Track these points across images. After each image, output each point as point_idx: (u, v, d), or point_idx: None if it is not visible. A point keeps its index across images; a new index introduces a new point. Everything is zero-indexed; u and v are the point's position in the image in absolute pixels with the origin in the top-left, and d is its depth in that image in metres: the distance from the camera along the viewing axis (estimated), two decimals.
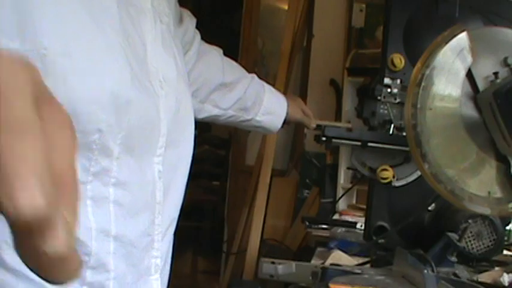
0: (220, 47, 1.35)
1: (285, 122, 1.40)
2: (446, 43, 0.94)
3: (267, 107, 1.35)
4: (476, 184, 0.95)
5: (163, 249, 0.80)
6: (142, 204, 0.74)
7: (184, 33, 1.13)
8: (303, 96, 2.89)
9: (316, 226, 1.99)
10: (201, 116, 1.29)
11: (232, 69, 1.32)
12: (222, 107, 1.29)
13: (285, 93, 2.82)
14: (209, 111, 1.28)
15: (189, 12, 1.18)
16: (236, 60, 1.39)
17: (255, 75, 1.37)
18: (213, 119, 1.32)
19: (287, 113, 1.39)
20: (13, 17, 0.60)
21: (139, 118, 0.71)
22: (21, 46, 0.60)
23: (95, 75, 0.65)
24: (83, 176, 0.67)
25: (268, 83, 1.42)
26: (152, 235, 0.77)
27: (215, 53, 1.29)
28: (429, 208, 1.30)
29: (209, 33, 1.38)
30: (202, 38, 1.31)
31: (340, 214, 2.21)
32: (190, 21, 1.17)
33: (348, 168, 2.31)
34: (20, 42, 0.60)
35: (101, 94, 0.65)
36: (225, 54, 1.35)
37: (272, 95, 1.38)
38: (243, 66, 1.39)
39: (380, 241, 1.30)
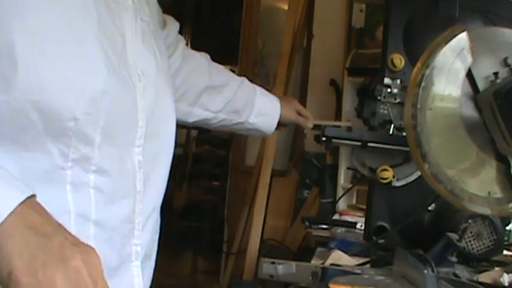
0: (220, 47, 1.35)
1: (279, 124, 1.40)
2: (446, 43, 0.94)
3: (260, 108, 1.35)
4: (476, 184, 0.95)
5: (145, 238, 0.82)
6: (123, 192, 0.77)
7: (166, 36, 1.15)
8: (303, 96, 2.89)
9: (316, 226, 1.99)
10: (191, 119, 1.29)
11: (220, 73, 1.33)
12: (212, 109, 1.30)
13: (285, 93, 2.84)
14: (199, 114, 1.29)
15: (171, 18, 1.20)
16: (236, 61, 1.39)
17: (245, 78, 1.37)
18: (204, 123, 1.33)
19: (280, 115, 1.39)
20: None
21: (116, 107, 0.73)
22: None
23: (66, 66, 0.68)
24: (61, 161, 0.70)
25: (268, 83, 1.42)
26: (133, 223, 0.79)
27: (201, 57, 1.31)
28: (429, 208, 1.30)
29: (209, 33, 1.38)
30: (203, 38, 1.31)
31: (340, 214, 2.21)
32: (173, 25, 1.20)
33: (348, 168, 2.31)
34: None
35: (73, 84, 0.68)
36: (225, 54, 1.35)
37: (264, 97, 1.38)
38: (243, 66, 1.40)
39: (380, 241, 1.30)
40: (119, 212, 0.76)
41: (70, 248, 0.57)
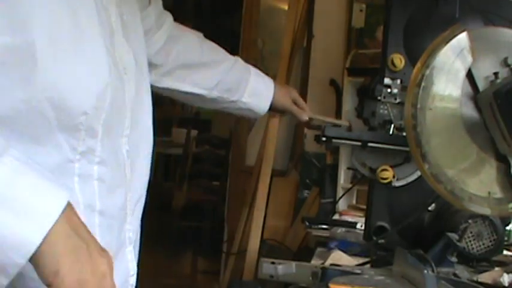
0: (220, 47, 1.35)
1: (271, 108, 1.39)
2: (447, 43, 0.94)
3: (253, 87, 1.36)
4: (476, 184, 0.95)
5: (135, 224, 0.87)
6: (118, 180, 0.81)
7: (146, 16, 1.15)
8: (303, 96, 2.88)
9: (316, 226, 1.99)
10: (182, 96, 1.30)
11: (213, 50, 1.34)
12: (205, 86, 1.31)
13: None
14: (191, 91, 1.30)
15: None
16: None
17: (239, 58, 1.38)
18: (198, 99, 1.33)
19: (274, 97, 1.38)
20: (4, 13, 0.65)
21: (113, 101, 0.76)
22: (12, 39, 0.65)
23: (77, 63, 0.71)
24: (71, 154, 0.73)
25: None
26: (125, 209, 0.83)
27: (193, 35, 1.32)
28: (429, 208, 1.29)
29: (209, 33, 1.38)
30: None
31: (340, 214, 2.21)
32: (154, 3, 1.20)
33: (348, 168, 2.31)
34: (11, 35, 0.65)
35: (83, 79, 0.71)
36: None
37: (258, 77, 1.38)
38: None
39: (380, 241, 1.30)
40: (117, 201, 0.81)
41: (101, 255, 0.64)
